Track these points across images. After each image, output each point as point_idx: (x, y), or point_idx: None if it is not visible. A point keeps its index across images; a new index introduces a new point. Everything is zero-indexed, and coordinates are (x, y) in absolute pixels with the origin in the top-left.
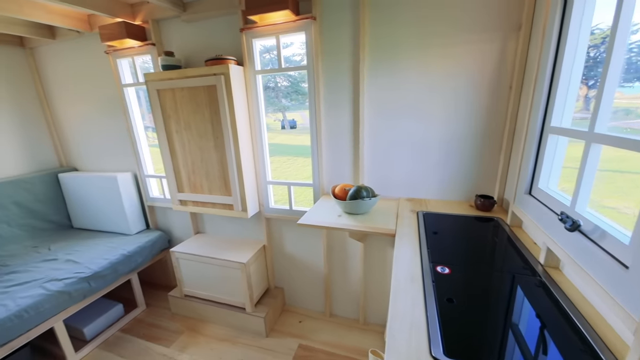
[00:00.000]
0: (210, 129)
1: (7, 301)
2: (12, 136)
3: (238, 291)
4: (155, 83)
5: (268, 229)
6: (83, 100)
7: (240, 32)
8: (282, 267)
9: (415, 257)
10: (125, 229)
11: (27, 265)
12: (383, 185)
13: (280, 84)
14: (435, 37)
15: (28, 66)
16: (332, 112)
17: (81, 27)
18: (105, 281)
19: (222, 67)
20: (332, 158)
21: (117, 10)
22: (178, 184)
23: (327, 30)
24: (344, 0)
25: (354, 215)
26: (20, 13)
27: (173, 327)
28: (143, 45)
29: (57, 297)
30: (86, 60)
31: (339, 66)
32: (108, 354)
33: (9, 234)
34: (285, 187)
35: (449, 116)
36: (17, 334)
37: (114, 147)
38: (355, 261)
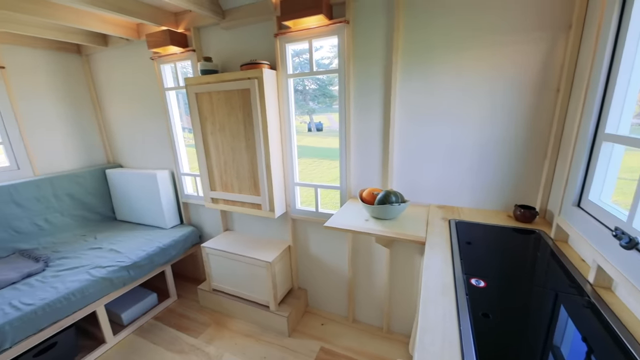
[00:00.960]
0: (242, 131)
1: (57, 284)
2: (69, 135)
3: (263, 289)
4: (194, 87)
5: (294, 229)
6: (129, 102)
7: (275, 38)
8: (306, 268)
9: (447, 267)
10: (161, 223)
11: (76, 252)
12: (412, 191)
13: (308, 87)
14: (473, 39)
15: (84, 71)
16: (362, 115)
17: (131, 35)
18: (143, 271)
19: (256, 71)
20: (360, 161)
21: (162, 19)
22: (211, 182)
23: (360, 34)
24: (378, 4)
25: (382, 220)
26: (79, 23)
27: (201, 319)
28: (184, 51)
29: (101, 283)
30: (133, 65)
31: (370, 70)
32: (142, 340)
33: (62, 222)
34: (311, 189)
35: (485, 120)
36: (65, 314)
37: (155, 146)
38: (380, 267)
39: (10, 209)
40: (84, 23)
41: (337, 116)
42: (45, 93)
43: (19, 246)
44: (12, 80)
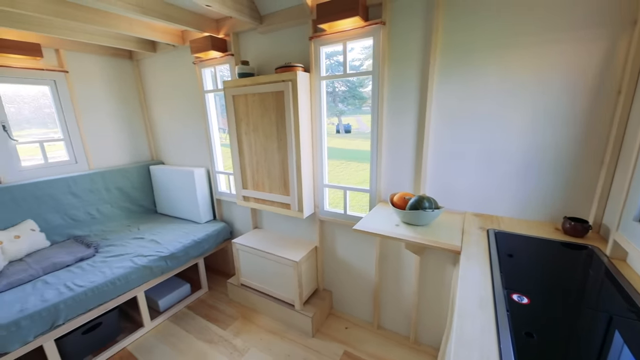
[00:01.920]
0: (275, 132)
1: (105, 269)
2: (120, 133)
3: (289, 288)
4: (231, 89)
5: (321, 231)
6: (172, 104)
7: (309, 40)
8: (332, 270)
9: (485, 280)
10: (196, 218)
11: (122, 241)
12: (447, 197)
13: (337, 88)
14: (519, 39)
15: (134, 75)
16: (396, 118)
17: (176, 42)
18: (179, 262)
19: (290, 73)
20: (391, 165)
21: (205, 25)
22: (243, 181)
23: (396, 35)
24: (416, 5)
25: (413, 226)
26: (132, 31)
27: (229, 312)
28: (224, 55)
29: (142, 271)
30: (177, 70)
31: (406, 72)
32: (175, 327)
33: (111, 213)
34: (339, 191)
35: (530, 124)
36: (110, 297)
37: (193, 145)
38: (409, 274)
39: (68, 199)
40: (137, 31)
41: (365, 118)
42: (100, 95)
43: (74, 232)
44: (74, 83)
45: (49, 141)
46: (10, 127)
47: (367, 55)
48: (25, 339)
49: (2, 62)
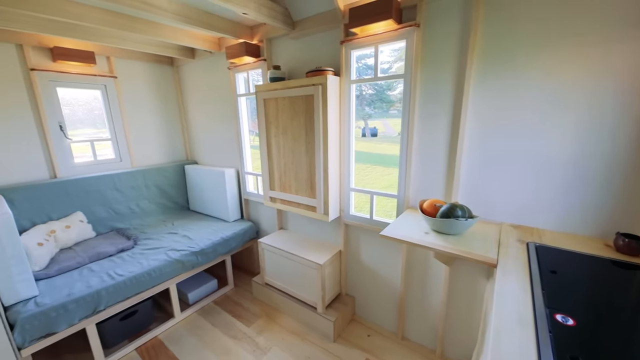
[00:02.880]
0: (303, 135)
1: (142, 261)
2: (159, 134)
3: (312, 290)
4: (263, 93)
5: (346, 235)
6: (207, 107)
7: (340, 45)
8: (355, 275)
9: (524, 296)
10: (225, 216)
11: (157, 235)
12: (481, 206)
13: (365, 92)
14: (569, 40)
15: (174, 80)
16: (427, 123)
17: (213, 48)
18: (208, 258)
19: (320, 77)
20: (421, 171)
21: (240, 32)
22: (271, 182)
23: (430, 38)
24: (453, 6)
25: (444, 235)
26: (175, 39)
27: (253, 310)
28: (257, 61)
29: (175, 264)
30: (213, 75)
31: (439, 76)
32: (202, 320)
33: (149, 208)
34: (364, 195)
35: (575, 132)
36: (145, 288)
37: (225, 146)
38: (437, 284)
39: (113, 194)
40: (179, 39)
41: (393, 122)
42: (143, 98)
43: (116, 225)
44: (122, 88)
45: (98, 140)
46: (66, 127)
47: (396, 58)
48: (71, 321)
49: (62, 68)
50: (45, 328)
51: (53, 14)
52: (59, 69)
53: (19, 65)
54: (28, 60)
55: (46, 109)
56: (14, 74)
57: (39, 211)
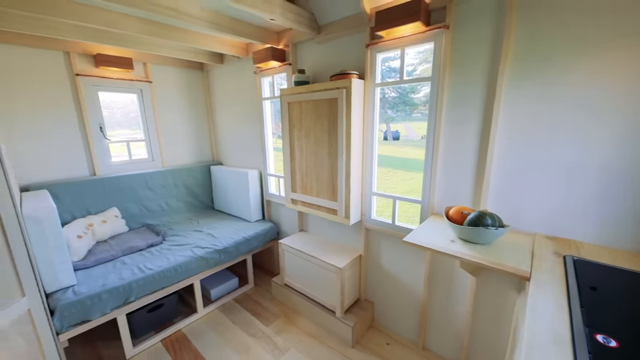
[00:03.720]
0: (326, 138)
1: (170, 256)
2: (188, 136)
3: (331, 293)
4: (287, 97)
5: (367, 239)
6: (233, 110)
7: (366, 48)
8: (375, 280)
9: (560, 314)
10: (247, 216)
11: (184, 232)
12: (513, 215)
13: (388, 94)
14: (611, 43)
15: (203, 84)
16: (455, 127)
17: (241, 54)
18: (230, 256)
19: (345, 81)
20: (447, 176)
21: (267, 38)
22: (293, 184)
23: (460, 40)
24: (485, 8)
25: (472, 244)
26: (206, 45)
27: (272, 310)
28: (282, 65)
29: (199, 261)
30: (240, 79)
31: (469, 79)
32: (223, 317)
33: (176, 206)
34: (385, 200)
35: (619, 140)
36: (171, 282)
37: (248, 148)
38: (462, 295)
39: (145, 191)
40: (210, 45)
41: (416, 125)
42: (174, 102)
43: (147, 221)
44: (156, 92)
45: (133, 141)
46: (105, 128)
47: (421, 60)
48: (104, 310)
49: (103, 73)
50: (81, 315)
51: (97, 23)
52: (100, 75)
53: (66, 71)
54: (74, 66)
55: (88, 111)
56: (61, 79)
57: (79, 206)
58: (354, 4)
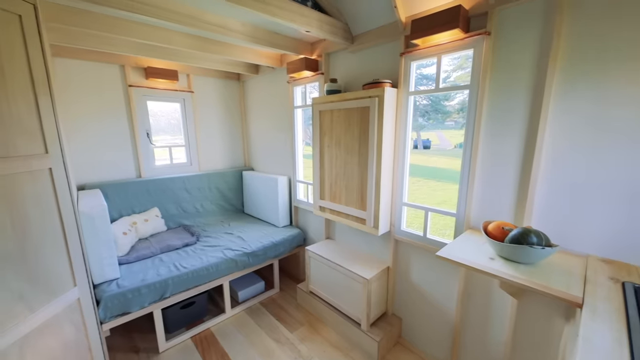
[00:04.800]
0: (356, 146)
1: (202, 256)
2: (223, 142)
3: (357, 305)
4: (319, 105)
5: (395, 251)
6: (265, 118)
7: (400, 57)
8: (404, 295)
9: (620, 348)
10: (275, 222)
11: (216, 234)
12: (561, 234)
13: (419, 102)
14: None
15: (239, 94)
16: (496, 137)
17: (275, 64)
18: (258, 260)
19: (377, 90)
20: (486, 189)
21: (301, 49)
22: (321, 191)
23: (502, 46)
24: (531, 12)
25: (514, 262)
26: (244, 57)
27: (297, 316)
28: (315, 74)
29: (229, 262)
30: (273, 88)
31: (512, 87)
32: (249, 319)
33: (209, 208)
34: (414, 210)
35: None
36: (203, 281)
37: (279, 155)
38: (500, 317)
39: (182, 193)
40: (247, 57)
41: (448, 134)
42: (212, 110)
43: (183, 222)
44: (196, 101)
45: (174, 146)
46: (151, 134)
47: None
48: (142, 304)
49: (152, 84)
50: (122, 307)
51: (152, 40)
52: (149, 85)
53: (121, 83)
54: (127, 78)
55: (138, 118)
56: (116, 90)
57: (126, 205)
58: (388, 14)
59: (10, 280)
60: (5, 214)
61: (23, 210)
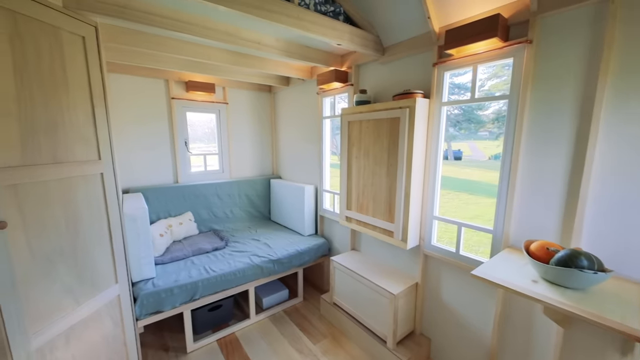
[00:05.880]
0: (385, 157)
1: (230, 261)
2: (253, 150)
3: (382, 321)
4: (348, 116)
5: (425, 266)
6: (294, 127)
7: (433, 67)
8: (434, 314)
9: None
10: (301, 230)
11: (243, 240)
12: (616, 258)
13: (449, 111)
14: None
15: (269, 105)
16: (538, 148)
17: (305, 76)
18: (283, 267)
19: (408, 100)
20: (527, 204)
21: (331, 61)
22: (348, 202)
23: (545, 56)
24: (579, 19)
25: (560, 287)
26: (276, 70)
27: (320, 328)
28: (344, 86)
29: (255, 269)
30: (303, 99)
31: (557, 96)
32: (273, 327)
33: (238, 215)
34: (446, 224)
35: None
36: (230, 286)
37: (306, 164)
38: (544, 346)
39: (214, 199)
40: (278, 70)
41: (482, 144)
42: (244, 121)
43: (214, 226)
44: (230, 112)
45: (209, 154)
46: (189, 142)
47: (490, 75)
48: (174, 304)
49: (191, 97)
50: (156, 306)
51: (195, 56)
52: (189, 98)
53: (165, 96)
54: (171, 91)
55: (178, 128)
56: (160, 102)
57: (163, 208)
58: (420, 25)
59: (62, 275)
60: (61, 214)
61: (76, 211)
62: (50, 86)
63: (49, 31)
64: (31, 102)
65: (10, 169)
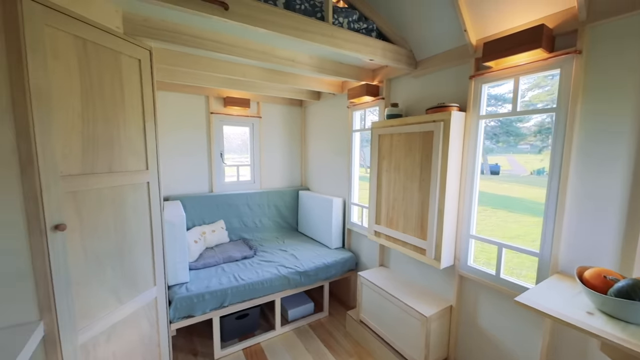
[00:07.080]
0: (417, 172)
1: (258, 270)
2: (283, 162)
3: (413, 344)
4: (378, 129)
5: (460, 288)
6: (324, 140)
7: (470, 79)
8: (470, 341)
9: None
10: (328, 243)
11: (271, 250)
12: None
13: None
14: None
15: (300, 118)
16: (592, 166)
17: (336, 91)
18: (309, 280)
19: (443, 114)
20: (579, 227)
21: (363, 76)
22: (377, 216)
23: (596, 67)
24: (630, 30)
25: (621, 321)
26: (308, 85)
27: (345, 346)
28: (375, 99)
29: (282, 279)
30: (333, 113)
31: (612, 109)
32: (297, 340)
33: (266, 224)
34: (482, 243)
35: None
36: (258, 295)
37: (335, 176)
38: None
39: (244, 209)
40: (310, 85)
41: (522, 158)
42: (276, 134)
43: (243, 235)
44: (263, 126)
45: (241, 165)
46: (224, 154)
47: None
48: (205, 310)
49: (228, 112)
50: (188, 310)
51: (229, 73)
52: (226, 112)
53: (205, 111)
54: (210, 107)
55: (215, 140)
56: (201, 117)
57: (198, 216)
58: (455, 38)
59: (109, 275)
60: (111, 219)
61: (124, 216)
62: (110, 104)
63: (112, 55)
64: (94, 118)
65: (71, 177)
